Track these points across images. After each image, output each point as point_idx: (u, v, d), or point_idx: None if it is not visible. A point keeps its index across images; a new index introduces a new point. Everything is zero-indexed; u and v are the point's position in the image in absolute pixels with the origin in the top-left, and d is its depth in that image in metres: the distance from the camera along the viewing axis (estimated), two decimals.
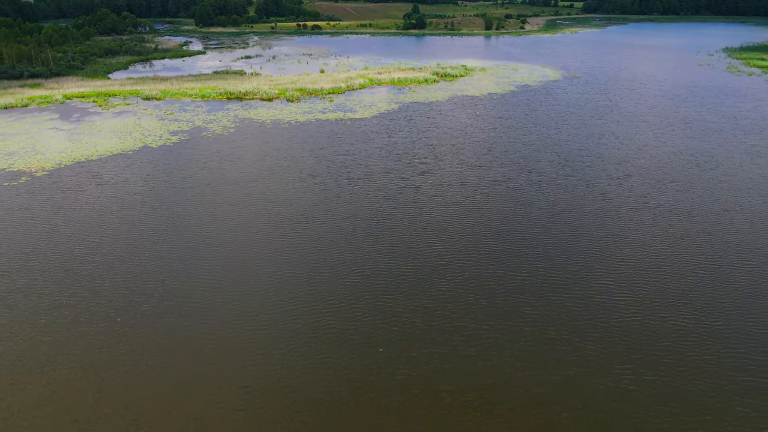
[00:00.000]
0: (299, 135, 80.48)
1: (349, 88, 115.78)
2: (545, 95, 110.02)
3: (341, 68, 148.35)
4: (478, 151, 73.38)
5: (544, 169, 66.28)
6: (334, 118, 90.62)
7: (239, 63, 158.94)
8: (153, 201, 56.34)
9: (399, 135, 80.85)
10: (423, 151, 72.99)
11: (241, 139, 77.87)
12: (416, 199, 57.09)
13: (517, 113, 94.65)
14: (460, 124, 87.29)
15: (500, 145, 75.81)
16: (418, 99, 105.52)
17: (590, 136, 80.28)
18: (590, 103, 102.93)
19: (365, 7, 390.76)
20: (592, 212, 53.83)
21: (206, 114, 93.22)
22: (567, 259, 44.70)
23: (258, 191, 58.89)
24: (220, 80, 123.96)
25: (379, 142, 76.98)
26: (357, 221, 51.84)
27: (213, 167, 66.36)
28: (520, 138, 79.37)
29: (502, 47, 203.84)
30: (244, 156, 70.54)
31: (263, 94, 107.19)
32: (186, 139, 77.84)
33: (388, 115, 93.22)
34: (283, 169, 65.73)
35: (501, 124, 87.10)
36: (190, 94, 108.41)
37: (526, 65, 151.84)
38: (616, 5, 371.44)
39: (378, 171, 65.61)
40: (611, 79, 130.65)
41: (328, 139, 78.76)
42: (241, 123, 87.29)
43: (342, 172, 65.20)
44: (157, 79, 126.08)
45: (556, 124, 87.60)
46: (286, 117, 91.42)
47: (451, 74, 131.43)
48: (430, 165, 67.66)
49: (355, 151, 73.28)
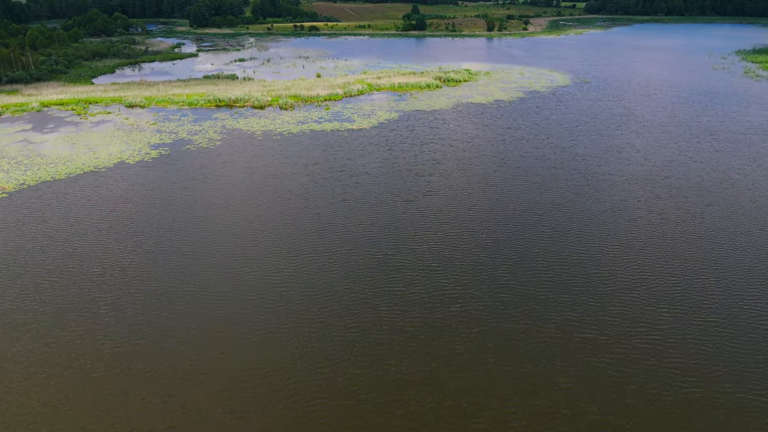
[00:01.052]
0: (291, 148, 73.62)
1: (347, 94, 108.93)
2: (555, 102, 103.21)
3: (339, 72, 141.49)
4: (488, 167, 66.57)
5: (562, 189, 59.45)
6: (330, 129, 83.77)
7: (232, 66, 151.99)
8: (121, 230, 49.44)
9: (400, 148, 74.06)
10: (427, 167, 66.17)
11: (227, 154, 70.98)
12: (421, 226, 50.24)
13: (527, 123, 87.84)
14: (466, 135, 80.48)
15: (511, 160, 68.99)
16: (420, 107, 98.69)
17: (609, 150, 73.48)
18: (604, 111, 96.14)
19: (364, 8, 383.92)
20: (622, 245, 47.00)
21: (192, 124, 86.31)
22: (601, 310, 37.86)
23: (242, 217, 52.00)
24: (210, 86, 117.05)
25: (378, 157, 70.18)
26: (353, 256, 44.99)
27: (193, 187, 59.46)
28: (533, 152, 72.57)
29: (506, 49, 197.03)
30: (228, 174, 63.65)
31: (255, 102, 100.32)
32: (167, 154, 70.91)
33: (389, 125, 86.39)
34: (271, 190, 58.85)
35: (510, 136, 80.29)
36: (177, 101, 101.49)
37: (532, 69, 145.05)
38: (619, 6, 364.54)
39: (377, 191, 58.78)
40: (623, 84, 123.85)
41: (322, 152, 71.92)
42: (229, 134, 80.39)
43: (337, 192, 58.36)
44: (144, 84, 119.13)
45: (571, 135, 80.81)
46: (278, 127, 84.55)
47: (455, 79, 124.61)
48: (435, 184, 60.84)
49: (352, 167, 66.46)
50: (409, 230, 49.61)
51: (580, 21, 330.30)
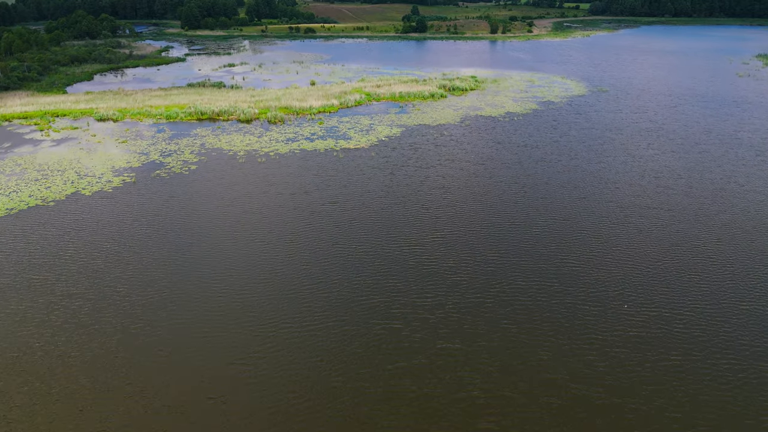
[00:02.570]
0: (277, 174, 63.62)
1: (343, 105, 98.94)
2: (574, 115, 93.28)
3: (335, 78, 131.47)
4: (506, 197, 56.61)
5: (599, 229, 49.44)
6: (324, 148, 73.77)
7: (220, 73, 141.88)
8: (53, 292, 39.40)
9: (403, 172, 64.13)
10: (435, 197, 56.23)
11: (202, 181, 60.93)
12: (430, 282, 40.26)
13: (545, 140, 77.92)
14: (477, 155, 70.55)
15: (532, 188, 59.03)
16: (424, 120, 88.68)
17: (645, 175, 63.54)
18: (629, 126, 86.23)
19: (362, 9, 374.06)
20: (690, 313, 37.04)
21: (167, 142, 76.22)
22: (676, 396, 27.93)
23: (209, 276, 41.94)
24: (194, 95, 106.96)
25: (378, 184, 60.22)
26: (346, 328, 35.02)
27: (152, 230, 49.39)
28: (557, 177, 62.62)
29: (512, 53, 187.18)
30: (199, 209, 53.57)
31: (241, 115, 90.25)
32: (131, 182, 60.83)
33: (389, 142, 76.43)
34: (248, 231, 48.82)
35: (528, 156, 70.38)
36: (154, 113, 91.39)
37: (542, 76, 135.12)
38: (624, 7, 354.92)
39: (376, 230, 48.82)
40: (644, 92, 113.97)
41: (313, 178, 61.95)
42: (208, 156, 70.34)
43: (328, 232, 48.37)
44: (121, 93, 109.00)
45: (597, 155, 70.90)
46: (265, 147, 74.51)
47: (460, 87, 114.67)
48: (444, 220, 50.88)
49: (347, 197, 56.49)
50: (416, 286, 39.62)
51: (585, 22, 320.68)
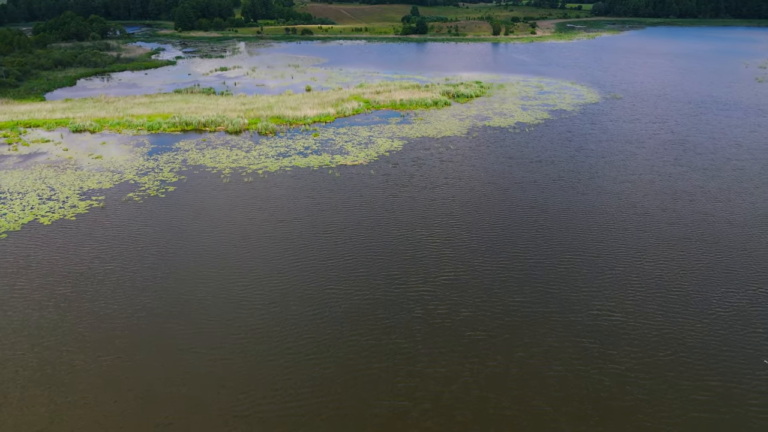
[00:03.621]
0: (265, 196, 56.61)
1: (340, 114, 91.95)
2: (589, 126, 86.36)
3: (332, 84, 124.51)
4: (524, 226, 49.66)
5: (637, 266, 42.50)
6: (318, 165, 66.78)
7: (211, 77, 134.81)
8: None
9: (406, 194, 57.18)
10: (442, 225, 49.28)
11: (178, 207, 53.86)
12: (441, 341, 33.28)
13: (560, 154, 71.03)
14: (488, 173, 63.61)
15: (553, 215, 52.07)
16: (428, 132, 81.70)
17: (678, 198, 56.62)
18: (651, 138, 79.35)
19: (360, 9, 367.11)
20: (759, 376, 30.14)
21: (145, 158, 69.18)
22: None
23: (176, 334, 34.94)
24: (181, 102, 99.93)
25: (377, 208, 53.25)
26: (341, 409, 28.03)
27: (112, 271, 42.35)
28: (579, 200, 55.68)
29: (516, 56, 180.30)
30: (172, 244, 46.50)
31: (229, 125, 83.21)
32: (99, 207, 53.77)
33: (391, 158, 69.49)
34: (227, 272, 41.80)
35: (544, 174, 63.46)
36: (135, 124, 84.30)
37: (551, 81, 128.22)
38: (628, 8, 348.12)
39: (376, 269, 41.89)
40: (660, 99, 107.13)
41: (305, 201, 54.97)
42: (189, 175, 63.29)
43: (319, 273, 41.39)
44: (102, 100, 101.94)
45: (620, 173, 63.99)
46: (253, 163, 67.49)
47: (465, 94, 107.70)
48: (455, 255, 43.95)
49: (342, 225, 49.51)
50: (425, 353, 32.66)
51: (589, 23, 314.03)
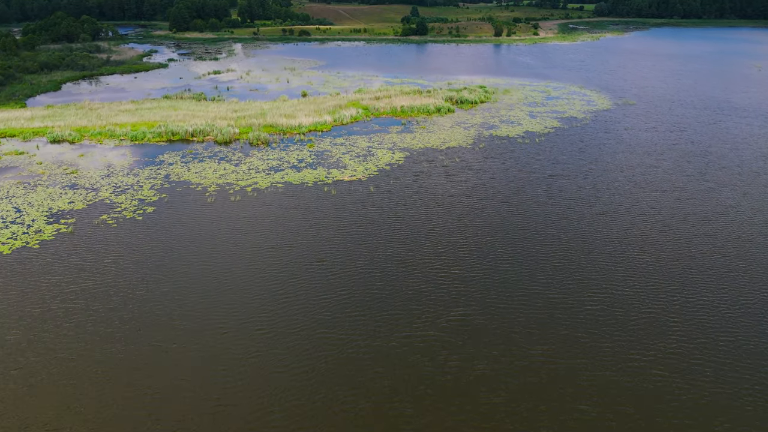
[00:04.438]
0: (253, 218, 51.13)
1: (337, 122, 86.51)
2: (603, 135, 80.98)
3: (329, 88, 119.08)
4: (542, 252, 44.21)
5: (677, 304, 37.08)
6: (313, 181, 61.33)
7: (204, 81, 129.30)
8: None
9: (408, 214, 51.75)
10: (450, 252, 43.87)
11: (153, 234, 48.35)
12: (454, 401, 27.81)
13: (574, 167, 65.64)
14: (498, 190, 58.16)
15: (575, 242, 46.62)
16: (431, 142, 76.29)
17: (708, 219, 51.17)
18: (670, 149, 73.99)
19: (359, 10, 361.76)
20: None
21: (125, 172, 63.69)
22: None
23: (135, 394, 29.45)
24: (169, 109, 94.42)
25: (378, 232, 47.83)
26: None
27: (70, 316, 36.86)
28: (600, 223, 50.24)
29: (520, 58, 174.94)
30: (145, 277, 41.01)
31: (218, 135, 77.74)
32: (68, 233, 48.26)
33: (392, 171, 64.08)
34: (199, 320, 36.29)
35: (558, 190, 58.02)
36: (118, 134, 78.79)
37: (558, 85, 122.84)
38: (631, 8, 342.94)
39: (376, 307, 36.47)
40: (675, 105, 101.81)
41: (298, 224, 49.53)
42: (171, 193, 57.78)
43: (308, 315, 35.96)
44: (85, 107, 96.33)
45: (642, 190, 58.59)
46: (242, 178, 62.00)
47: (469, 100, 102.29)
48: (467, 292, 38.53)
49: (338, 252, 44.08)
50: (432, 413, 27.21)
51: (591, 24, 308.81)
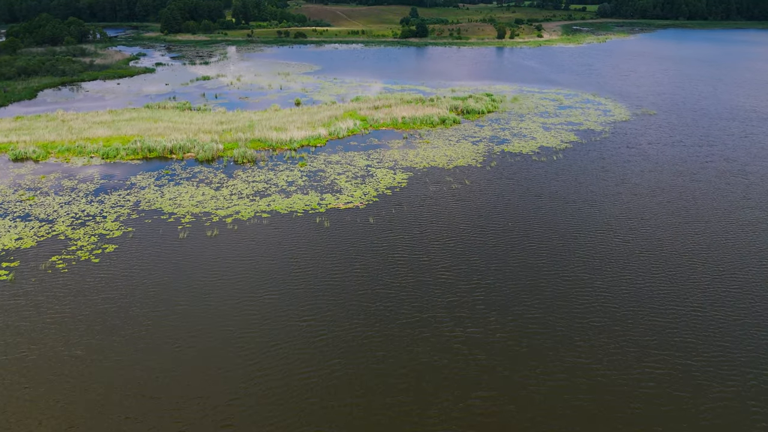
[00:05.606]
0: (231, 260, 43.26)
1: (332, 135, 78.76)
2: (626, 151, 73.28)
3: (324, 96, 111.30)
4: (571, 299, 36.41)
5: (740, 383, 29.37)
6: (303, 209, 53.50)
7: (191, 87, 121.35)
8: None
9: (413, 252, 43.95)
10: (467, 313, 36.09)
11: (110, 281, 40.43)
12: None
13: (599, 191, 57.86)
14: (516, 219, 50.36)
15: (609, 286, 38.83)
16: (436, 159, 68.52)
17: (765, 256, 43.52)
18: (704, 168, 66.32)
19: (357, 11, 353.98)
20: None
21: (89, 199, 55.76)
22: None
23: None
24: (149, 120, 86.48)
25: (376, 283, 40.04)
26: None
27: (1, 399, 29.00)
28: (637, 263, 42.47)
29: (525, 62, 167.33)
30: (84, 350, 33.10)
31: (200, 151, 69.86)
32: (8, 281, 40.31)
33: (393, 197, 56.29)
34: (154, 409, 28.45)
35: (585, 220, 50.27)
36: (89, 150, 70.92)
37: (569, 92, 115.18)
38: (635, 9, 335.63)
39: (372, 411, 28.64)
40: (698, 115, 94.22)
41: (282, 267, 41.71)
42: (138, 225, 49.88)
43: (294, 390, 28.11)
44: (58, 119, 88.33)
45: (682, 219, 50.87)
46: (222, 206, 54.11)
47: (476, 110, 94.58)
48: (493, 376, 30.77)
49: (329, 307, 36.28)
50: None
51: (595, 26, 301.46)
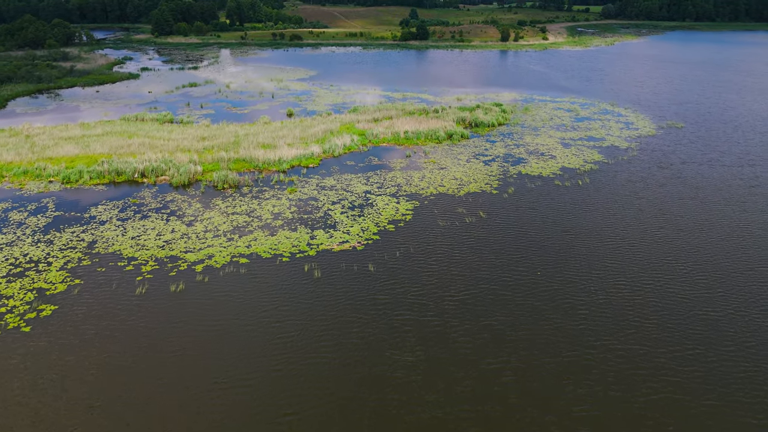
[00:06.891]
0: (191, 327, 34.54)
1: (327, 153, 70.16)
2: (659, 172, 64.68)
3: (320, 105, 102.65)
4: (633, 391, 27.88)
5: None
6: (289, 251, 44.83)
7: (175, 95, 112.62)
8: None
9: (421, 314, 35.37)
10: (491, 406, 27.48)
11: (40, 361, 31.71)
12: None
13: (638, 226, 49.26)
14: (545, 264, 41.73)
15: (662, 352, 30.31)
16: (445, 184, 59.82)
17: None
18: (750, 193, 57.75)
19: (355, 12, 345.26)
20: None
21: (35, 238, 47.03)
22: None
23: None
24: (123, 135, 77.71)
25: (377, 355, 31.40)
26: None
27: None
28: (696, 324, 33.91)
29: (532, 66, 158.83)
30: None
31: (175, 174, 61.15)
32: None
33: (397, 234, 47.64)
34: None
35: (629, 269, 41.71)
36: (48, 173, 62.16)
37: (585, 101, 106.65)
38: (640, 10, 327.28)
39: None
40: (730, 128, 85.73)
41: (256, 341, 33.10)
42: (88, 276, 41.13)
43: None
44: (21, 134, 79.47)
45: (747, 264, 42.30)
46: (192, 249, 45.38)
47: (485, 122, 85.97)
48: None
49: (311, 411, 27.63)
50: None
51: (600, 27, 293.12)
